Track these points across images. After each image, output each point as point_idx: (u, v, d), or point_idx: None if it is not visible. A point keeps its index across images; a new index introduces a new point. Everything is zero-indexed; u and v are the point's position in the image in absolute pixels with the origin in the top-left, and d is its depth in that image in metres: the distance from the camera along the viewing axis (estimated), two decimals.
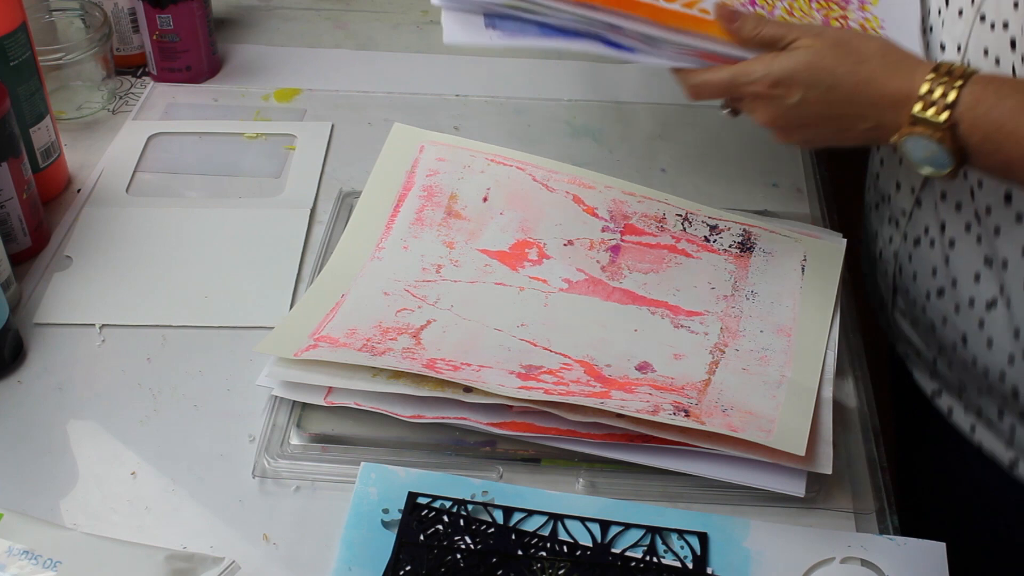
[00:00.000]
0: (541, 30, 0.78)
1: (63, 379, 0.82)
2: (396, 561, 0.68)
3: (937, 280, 0.83)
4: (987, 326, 0.80)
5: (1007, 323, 0.78)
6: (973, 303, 0.80)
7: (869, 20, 0.84)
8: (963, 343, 0.82)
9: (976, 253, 0.79)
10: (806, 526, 0.72)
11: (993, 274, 0.78)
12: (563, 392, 0.75)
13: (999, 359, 0.80)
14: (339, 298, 0.84)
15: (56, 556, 0.65)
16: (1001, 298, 0.78)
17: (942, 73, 0.69)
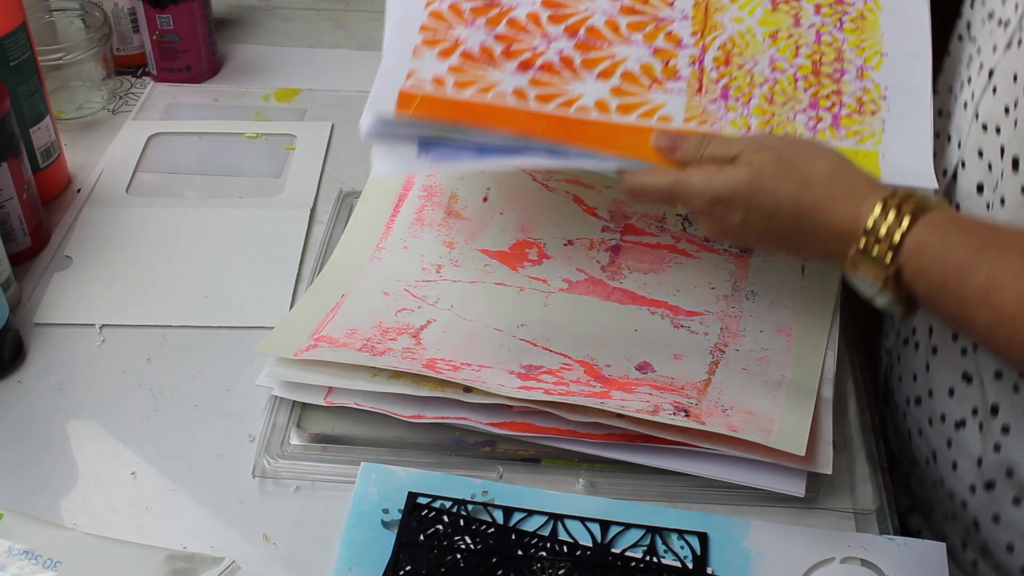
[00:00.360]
0: (478, 152, 0.73)
1: (63, 379, 0.82)
2: (396, 561, 0.68)
3: (917, 387, 0.81)
4: (954, 446, 0.77)
5: (974, 447, 0.75)
6: (944, 419, 0.78)
7: (868, 90, 0.77)
8: (933, 460, 0.80)
9: (956, 366, 0.76)
10: (806, 526, 0.72)
11: (969, 392, 0.75)
12: (563, 392, 0.75)
13: (961, 486, 0.77)
14: (339, 298, 0.84)
15: (56, 556, 0.65)
16: (972, 419, 0.75)
17: (890, 208, 0.63)
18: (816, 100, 0.76)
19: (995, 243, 0.60)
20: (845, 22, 0.79)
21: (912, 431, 0.82)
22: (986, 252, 0.60)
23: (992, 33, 0.72)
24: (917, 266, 0.62)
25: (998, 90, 0.70)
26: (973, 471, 0.76)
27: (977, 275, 0.59)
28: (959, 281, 0.60)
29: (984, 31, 0.74)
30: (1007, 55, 0.69)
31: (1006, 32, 0.70)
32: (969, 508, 0.77)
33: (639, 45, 0.78)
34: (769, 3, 0.80)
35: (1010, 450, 0.72)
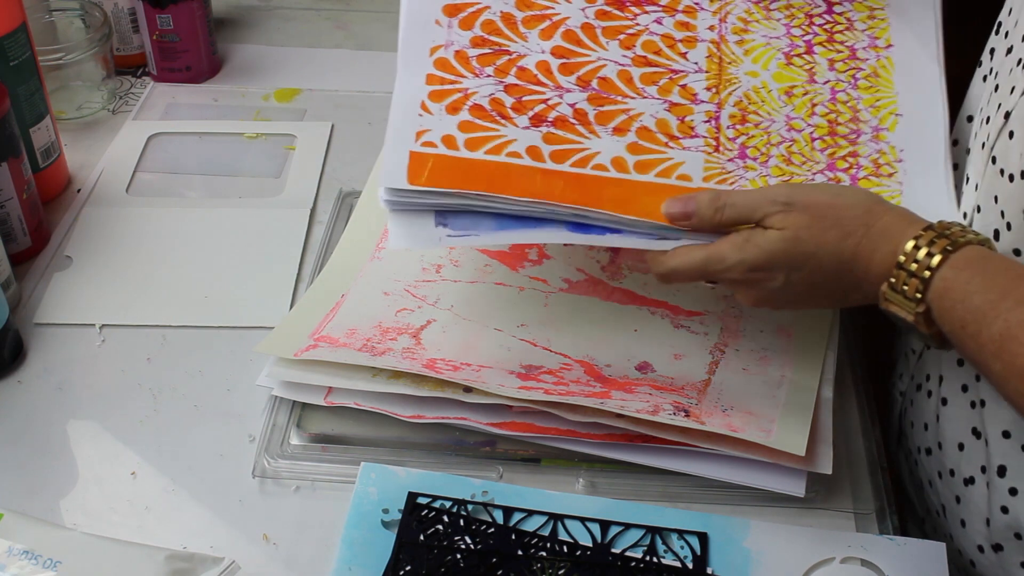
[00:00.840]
0: (497, 222, 0.71)
1: (63, 379, 0.82)
2: (396, 561, 0.68)
3: (927, 437, 0.79)
4: (963, 504, 0.76)
5: (982, 507, 0.74)
6: (954, 474, 0.76)
7: (885, 152, 0.76)
8: (943, 513, 0.78)
9: (965, 420, 0.74)
10: (806, 526, 0.72)
11: (977, 449, 0.73)
12: (563, 392, 0.75)
13: (969, 544, 0.76)
14: (339, 298, 0.84)
15: (56, 556, 0.65)
16: (980, 477, 0.73)
17: (922, 244, 0.63)
18: (833, 162, 0.75)
19: (1016, 292, 0.59)
20: (859, 79, 0.78)
21: (924, 481, 0.81)
22: (1006, 301, 0.59)
23: (1012, 72, 0.70)
24: (942, 306, 0.62)
25: (1015, 135, 0.68)
26: (982, 531, 0.74)
27: (994, 323, 0.59)
28: (977, 327, 0.60)
29: (1004, 67, 0.72)
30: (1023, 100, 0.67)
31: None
32: (978, 567, 0.76)
33: (653, 99, 0.75)
34: (783, 57, 0.78)
35: (1018, 514, 0.71)
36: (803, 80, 0.77)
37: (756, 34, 0.79)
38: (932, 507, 0.80)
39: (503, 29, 0.77)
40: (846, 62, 0.79)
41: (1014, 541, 0.73)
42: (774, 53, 0.78)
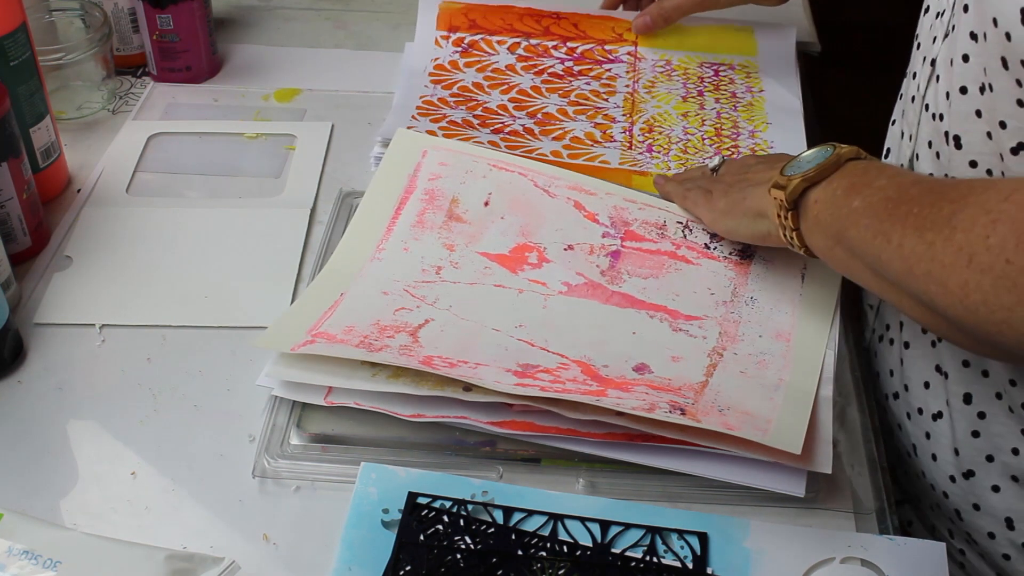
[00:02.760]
0: None
1: (63, 379, 0.82)
2: (396, 561, 0.68)
3: (893, 383, 0.82)
4: (932, 439, 0.79)
5: (950, 439, 0.77)
6: (922, 412, 0.79)
7: (759, 145, 1.02)
8: (914, 453, 0.81)
9: (928, 359, 0.77)
10: (806, 526, 0.72)
11: (941, 384, 0.76)
12: (559, 390, 0.75)
13: (941, 477, 0.78)
14: (338, 296, 0.84)
15: (56, 556, 0.65)
16: (947, 410, 0.77)
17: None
18: (719, 151, 1.01)
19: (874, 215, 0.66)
20: (738, 107, 1.07)
21: (893, 426, 0.84)
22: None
23: (932, 26, 0.75)
24: (808, 219, 0.72)
25: (940, 78, 0.72)
26: (952, 462, 0.77)
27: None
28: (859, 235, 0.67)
29: (925, 26, 0.78)
30: (944, 44, 0.72)
31: (942, 22, 0.73)
32: (950, 498, 0.78)
33: (583, 122, 1.04)
34: (680, 98, 1.08)
35: (990, 435, 0.74)
36: (695, 108, 1.07)
37: (659, 87, 1.09)
38: (903, 450, 0.83)
39: (472, 88, 1.08)
40: (728, 100, 1.08)
41: (986, 464, 0.75)
42: (673, 96, 1.08)
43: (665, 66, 1.11)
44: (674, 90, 1.09)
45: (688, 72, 1.11)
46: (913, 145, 0.77)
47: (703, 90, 1.08)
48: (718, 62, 1.12)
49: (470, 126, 1.02)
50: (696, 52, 1.13)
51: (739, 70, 1.12)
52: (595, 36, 1.14)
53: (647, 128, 1.04)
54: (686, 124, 1.04)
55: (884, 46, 2.49)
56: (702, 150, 1.02)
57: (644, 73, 1.11)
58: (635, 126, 1.04)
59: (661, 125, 1.04)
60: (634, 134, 1.03)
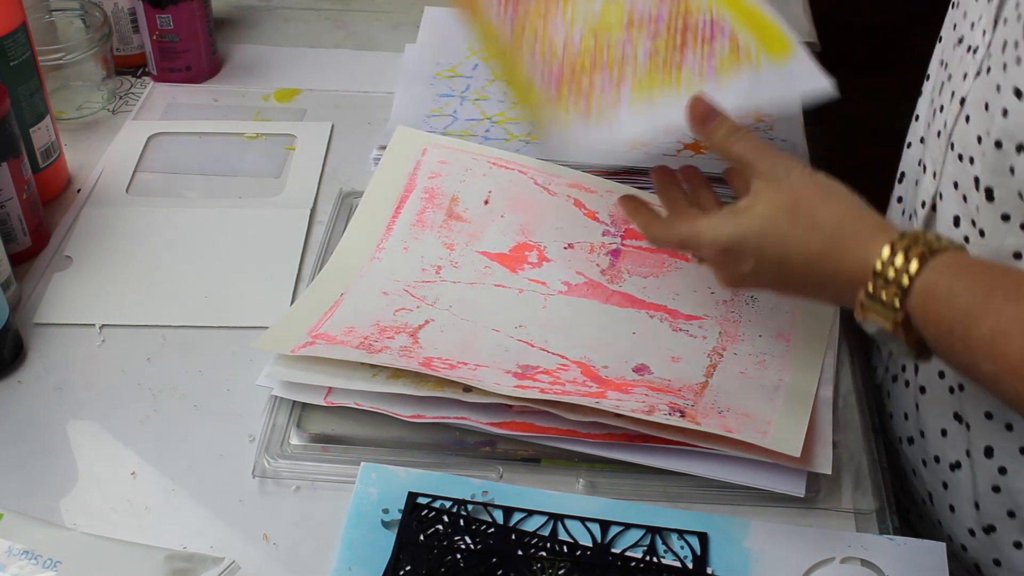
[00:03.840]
0: None
1: (63, 379, 0.82)
2: (396, 561, 0.68)
3: (908, 427, 0.80)
4: (950, 489, 0.76)
5: (970, 490, 0.74)
6: (939, 460, 0.77)
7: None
8: (930, 501, 0.79)
9: (946, 406, 0.74)
10: (806, 526, 0.72)
11: (961, 433, 0.73)
12: (559, 392, 0.75)
13: (960, 529, 0.76)
14: (338, 296, 0.84)
15: (56, 556, 0.65)
16: (967, 461, 0.74)
17: (898, 250, 0.62)
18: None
19: (1002, 290, 0.58)
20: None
21: (907, 471, 0.81)
22: (993, 299, 0.58)
23: (962, 60, 0.71)
24: (925, 311, 0.61)
25: (971, 119, 0.69)
26: (971, 514, 0.75)
27: (983, 323, 0.58)
28: (965, 328, 0.58)
29: (955, 57, 0.73)
30: (976, 82, 0.68)
31: (975, 59, 0.69)
32: (969, 551, 0.76)
33: None
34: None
35: (1011, 492, 0.71)
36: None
37: None
38: (918, 496, 0.80)
39: None
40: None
41: (1007, 520, 0.73)
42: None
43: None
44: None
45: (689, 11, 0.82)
46: (937, 184, 0.73)
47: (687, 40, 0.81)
48: (726, 29, 0.81)
49: None
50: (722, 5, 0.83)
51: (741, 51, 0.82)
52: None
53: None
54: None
55: (884, 46, 2.50)
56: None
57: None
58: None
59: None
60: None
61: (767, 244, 0.67)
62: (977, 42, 0.69)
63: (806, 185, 0.68)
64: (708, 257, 0.71)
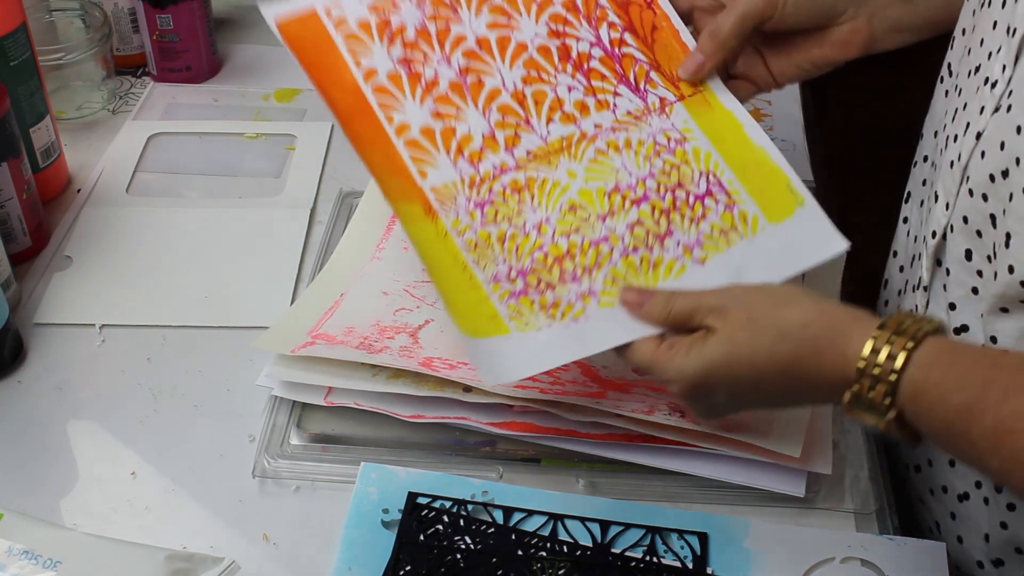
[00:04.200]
0: None
1: (63, 379, 0.82)
2: (396, 561, 0.68)
3: (917, 455, 0.78)
4: (959, 520, 0.75)
5: (980, 522, 0.73)
6: (947, 490, 0.75)
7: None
8: (937, 530, 0.78)
9: None
10: (806, 526, 0.72)
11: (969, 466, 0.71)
12: (559, 392, 0.75)
13: (967, 561, 0.74)
14: (338, 297, 0.84)
15: (56, 556, 0.65)
16: (976, 493, 0.72)
17: (880, 346, 0.59)
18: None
19: (998, 382, 0.56)
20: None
21: (914, 500, 0.80)
22: (990, 393, 0.56)
23: (979, 91, 0.69)
24: (917, 408, 0.58)
25: (986, 155, 0.67)
26: (981, 547, 0.74)
27: (984, 419, 0.55)
28: (965, 425, 0.56)
29: (970, 86, 0.71)
30: (994, 119, 0.67)
31: (993, 93, 0.67)
32: None
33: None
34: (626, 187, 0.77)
35: (1017, 529, 0.71)
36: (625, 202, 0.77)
37: (626, 159, 0.78)
38: (925, 524, 0.80)
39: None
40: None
41: (1015, 556, 0.72)
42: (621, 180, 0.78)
43: (672, 142, 0.77)
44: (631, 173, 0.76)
45: (681, 169, 0.76)
46: (949, 215, 0.71)
47: (664, 201, 0.75)
48: (724, 185, 0.75)
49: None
50: (719, 155, 0.76)
51: (735, 214, 0.75)
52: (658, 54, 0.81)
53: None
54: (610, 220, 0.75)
55: None
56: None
57: (643, 129, 0.78)
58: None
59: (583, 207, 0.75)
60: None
61: (735, 368, 0.63)
62: (996, 76, 0.67)
63: (758, 298, 0.65)
64: (678, 395, 0.66)
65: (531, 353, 0.69)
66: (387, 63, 0.77)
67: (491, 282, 0.72)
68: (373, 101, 0.76)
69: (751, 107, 1.05)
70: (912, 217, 0.83)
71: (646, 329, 0.68)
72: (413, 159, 0.76)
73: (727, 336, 0.64)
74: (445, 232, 0.73)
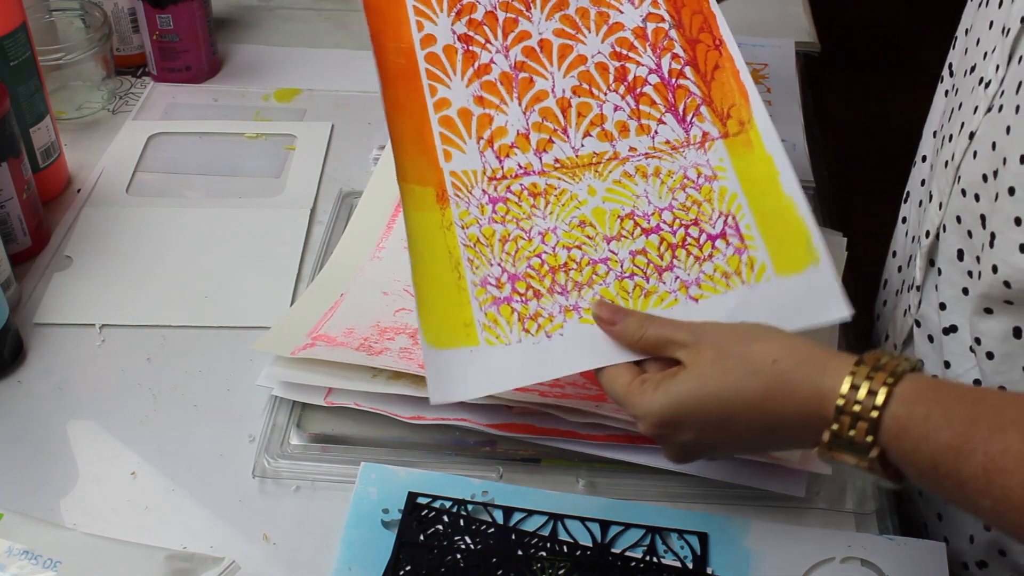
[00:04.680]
0: None
1: (63, 379, 0.82)
2: (396, 561, 0.68)
3: None
4: (945, 521, 0.76)
5: (965, 524, 0.74)
6: None
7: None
8: (925, 530, 0.79)
9: None
10: (806, 526, 0.72)
11: None
12: (558, 395, 0.75)
13: (954, 562, 0.73)
14: (338, 297, 0.84)
15: (56, 556, 0.65)
16: None
17: (859, 382, 0.57)
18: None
19: (984, 420, 0.54)
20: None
21: (913, 494, 0.81)
22: (977, 431, 0.54)
23: (973, 91, 0.69)
24: (900, 447, 0.56)
25: (978, 155, 0.67)
26: (965, 548, 0.74)
27: (972, 458, 0.54)
28: (953, 465, 0.54)
29: (966, 86, 0.71)
30: (987, 119, 0.67)
31: (987, 93, 0.67)
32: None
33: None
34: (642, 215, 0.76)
35: (1002, 532, 0.71)
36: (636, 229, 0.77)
37: (651, 186, 0.77)
38: (919, 521, 0.80)
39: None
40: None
41: (998, 558, 0.73)
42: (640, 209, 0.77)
43: (701, 178, 0.75)
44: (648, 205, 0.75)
45: (702, 207, 0.74)
46: (942, 215, 0.72)
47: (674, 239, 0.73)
48: (740, 229, 0.73)
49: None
50: (745, 197, 0.74)
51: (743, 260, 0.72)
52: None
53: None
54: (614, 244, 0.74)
55: (884, 46, 2.50)
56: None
57: (676, 161, 0.76)
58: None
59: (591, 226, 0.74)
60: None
61: (704, 403, 0.62)
62: (990, 76, 0.67)
63: (727, 334, 0.64)
64: (645, 432, 0.64)
65: (491, 369, 0.68)
66: (448, 35, 0.77)
67: (478, 286, 0.71)
68: (423, 68, 0.76)
69: None
70: (910, 217, 0.84)
71: (614, 357, 0.67)
72: (443, 137, 0.75)
73: (696, 372, 0.62)
74: (450, 223, 0.73)
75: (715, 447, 0.65)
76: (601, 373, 0.68)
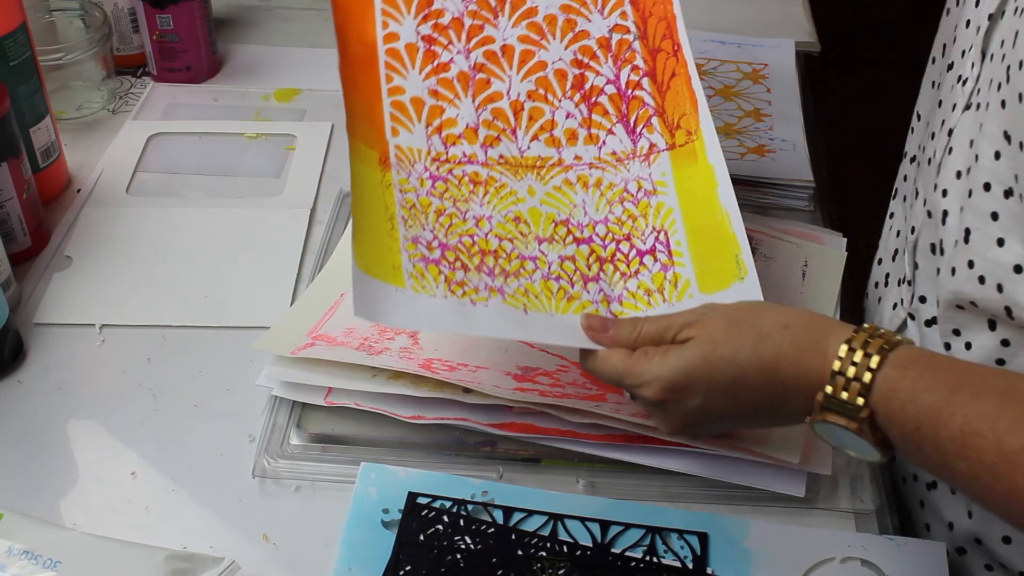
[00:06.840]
0: None
1: (63, 379, 0.82)
2: (396, 561, 0.68)
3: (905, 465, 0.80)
4: (927, 508, 0.77)
5: (946, 511, 0.75)
6: (917, 478, 0.77)
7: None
8: (908, 518, 0.79)
9: None
10: (806, 526, 0.72)
11: None
12: (559, 395, 0.75)
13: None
14: (338, 297, 0.84)
15: (56, 556, 0.65)
16: (941, 483, 0.74)
17: (855, 346, 0.59)
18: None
19: (968, 386, 0.56)
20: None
21: (908, 477, 0.81)
22: (960, 395, 0.56)
23: (953, 89, 0.70)
24: (889, 408, 0.58)
25: (953, 151, 0.68)
26: (945, 535, 0.75)
27: (953, 420, 0.56)
28: (934, 426, 0.56)
29: (947, 84, 0.72)
30: (964, 117, 0.67)
31: (964, 91, 0.68)
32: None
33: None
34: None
35: (980, 519, 0.72)
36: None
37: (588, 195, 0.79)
38: (910, 504, 0.81)
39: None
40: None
41: (976, 547, 0.73)
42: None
43: (640, 192, 0.77)
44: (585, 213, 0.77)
45: (637, 222, 0.76)
46: (926, 209, 0.73)
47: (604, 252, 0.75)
48: (670, 245, 0.75)
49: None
50: (680, 212, 0.76)
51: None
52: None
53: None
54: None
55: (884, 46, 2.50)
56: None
57: (619, 173, 0.78)
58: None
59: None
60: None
61: (716, 365, 0.63)
62: (967, 74, 0.68)
63: (736, 306, 0.66)
64: (651, 398, 0.65)
65: (418, 311, 0.70)
66: (412, 34, 0.78)
67: (409, 240, 0.72)
68: (382, 60, 0.77)
69: (752, 107, 1.06)
70: (897, 213, 0.84)
71: (536, 335, 0.70)
72: (392, 117, 0.77)
73: (707, 338, 0.63)
74: (389, 184, 0.74)
75: (718, 416, 0.66)
76: (592, 357, 0.68)
